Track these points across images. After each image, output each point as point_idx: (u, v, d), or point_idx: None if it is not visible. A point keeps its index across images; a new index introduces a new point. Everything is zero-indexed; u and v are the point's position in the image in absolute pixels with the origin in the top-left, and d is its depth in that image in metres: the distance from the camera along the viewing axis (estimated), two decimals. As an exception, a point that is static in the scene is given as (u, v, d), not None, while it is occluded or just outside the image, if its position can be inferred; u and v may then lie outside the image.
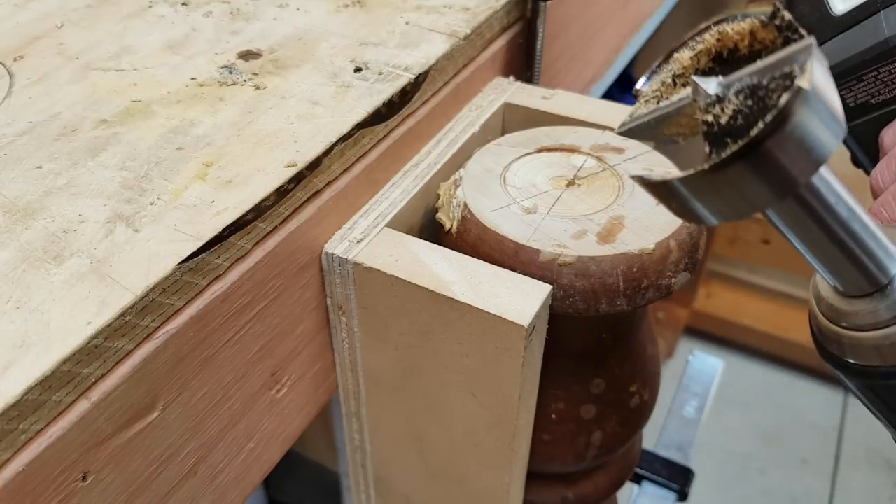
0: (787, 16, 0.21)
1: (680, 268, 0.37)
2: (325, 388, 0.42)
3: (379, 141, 0.39)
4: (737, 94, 0.20)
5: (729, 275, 1.72)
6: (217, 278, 0.31)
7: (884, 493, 1.50)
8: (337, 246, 0.36)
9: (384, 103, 0.38)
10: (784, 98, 0.18)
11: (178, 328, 0.29)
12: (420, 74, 0.40)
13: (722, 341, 1.74)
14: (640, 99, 0.25)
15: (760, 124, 0.18)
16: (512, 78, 0.49)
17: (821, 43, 0.34)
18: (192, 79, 0.40)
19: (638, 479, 0.74)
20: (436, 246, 0.37)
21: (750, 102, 0.20)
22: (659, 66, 0.24)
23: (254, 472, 0.37)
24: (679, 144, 0.25)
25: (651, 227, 0.37)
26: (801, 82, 0.18)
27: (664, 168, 0.22)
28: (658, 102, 0.24)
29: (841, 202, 0.22)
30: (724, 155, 0.19)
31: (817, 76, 0.18)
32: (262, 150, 0.35)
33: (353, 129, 0.36)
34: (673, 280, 0.37)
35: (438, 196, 0.41)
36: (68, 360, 0.25)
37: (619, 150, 0.42)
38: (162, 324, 0.28)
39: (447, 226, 0.39)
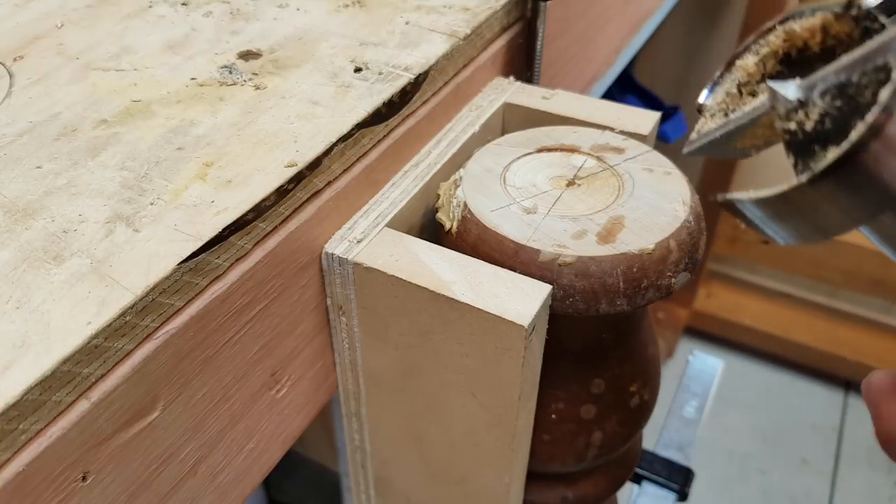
0: (864, 4, 0.19)
1: (680, 268, 0.37)
2: (325, 388, 0.42)
3: (379, 141, 0.39)
4: (822, 95, 0.18)
5: (729, 275, 1.72)
6: (217, 278, 0.31)
7: (884, 493, 1.50)
8: (337, 246, 0.36)
9: (384, 103, 0.38)
10: (885, 93, 0.16)
11: (178, 328, 0.29)
12: (420, 74, 0.40)
13: (722, 341, 1.74)
14: (706, 113, 0.23)
15: (861, 126, 0.16)
16: (512, 78, 0.49)
17: None
18: (192, 79, 0.40)
19: (638, 479, 0.74)
20: (436, 246, 0.37)
21: (839, 103, 0.18)
22: (721, 76, 0.23)
23: (254, 472, 0.37)
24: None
25: (651, 227, 0.37)
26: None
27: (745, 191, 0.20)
28: (725, 115, 0.22)
29: None
30: (822, 165, 0.17)
31: None
32: (262, 150, 0.35)
33: (353, 129, 0.36)
34: (673, 280, 0.37)
35: (438, 196, 0.41)
36: (68, 360, 0.25)
37: (619, 150, 0.42)
38: (162, 324, 0.28)
39: (447, 226, 0.39)
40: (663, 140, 1.23)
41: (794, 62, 0.21)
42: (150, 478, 0.30)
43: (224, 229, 0.30)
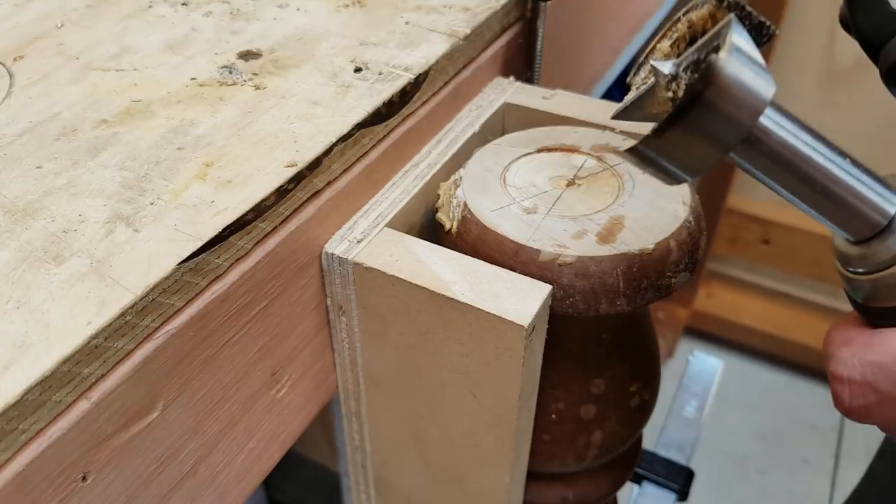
0: None
1: (680, 268, 0.37)
2: (325, 388, 0.42)
3: (379, 141, 0.39)
4: (685, 69, 0.24)
5: (729, 275, 1.72)
6: (217, 278, 0.31)
7: (884, 493, 1.49)
8: (337, 246, 0.36)
9: (384, 103, 0.38)
10: (711, 58, 0.21)
11: (178, 328, 0.29)
12: (420, 74, 0.40)
13: (722, 341, 1.73)
14: (633, 88, 0.27)
15: (696, 85, 0.22)
16: (512, 78, 0.49)
17: (887, 39, 0.36)
18: (192, 79, 0.40)
19: (638, 479, 0.74)
20: (436, 246, 0.37)
21: (695, 74, 0.23)
22: (645, 58, 0.27)
23: (254, 472, 0.37)
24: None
25: (651, 227, 0.37)
26: (721, 52, 0.21)
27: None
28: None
29: (806, 144, 0.24)
30: (666, 121, 0.22)
31: (736, 43, 0.21)
32: (262, 150, 0.35)
33: (353, 129, 0.36)
34: (673, 280, 0.37)
35: (438, 196, 0.41)
36: (68, 360, 0.25)
37: (619, 151, 0.42)
38: (162, 324, 0.28)
39: (447, 226, 0.39)
40: (663, 140, 1.23)
41: (699, 39, 0.26)
42: (149, 478, 0.30)
43: (224, 229, 0.30)
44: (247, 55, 0.42)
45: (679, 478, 0.73)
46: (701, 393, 0.83)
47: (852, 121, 1.36)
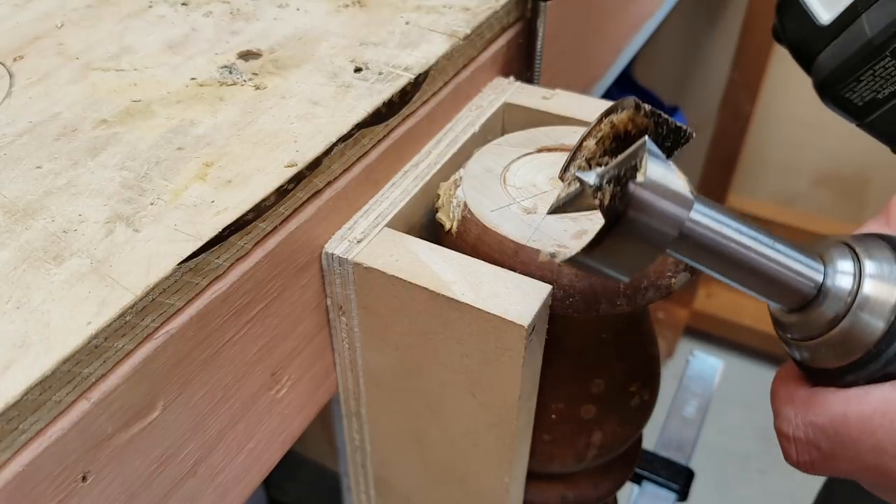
0: (648, 107, 0.27)
1: (680, 268, 0.37)
2: (325, 388, 0.42)
3: (379, 141, 0.39)
4: (608, 182, 0.26)
5: (729, 275, 1.72)
6: (217, 278, 0.31)
7: (884, 493, 1.49)
8: (337, 246, 0.36)
9: (384, 103, 0.38)
10: (629, 187, 0.23)
11: (178, 328, 0.29)
12: (420, 74, 0.40)
13: (722, 341, 1.74)
14: (565, 182, 0.29)
15: (617, 206, 0.24)
16: (512, 78, 0.49)
17: (816, 53, 0.37)
18: (192, 79, 0.40)
19: (638, 479, 0.74)
20: (436, 246, 0.37)
21: (618, 188, 0.25)
22: (574, 154, 0.29)
23: (254, 472, 0.37)
24: None
25: None
26: (638, 176, 0.23)
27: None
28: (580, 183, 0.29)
29: (733, 229, 0.27)
30: (596, 235, 0.24)
31: (650, 167, 0.23)
32: (262, 150, 0.35)
33: (353, 129, 0.36)
34: (673, 280, 0.37)
35: (438, 196, 0.41)
36: (68, 360, 0.25)
37: (619, 150, 0.42)
38: (162, 324, 0.28)
39: (447, 226, 0.39)
40: (663, 140, 1.23)
41: (625, 140, 0.28)
42: (149, 478, 0.30)
43: (224, 229, 0.30)
44: (247, 55, 0.42)
45: (679, 478, 0.73)
46: (701, 393, 0.83)
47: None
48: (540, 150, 0.43)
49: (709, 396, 0.82)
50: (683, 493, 0.73)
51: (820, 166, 1.59)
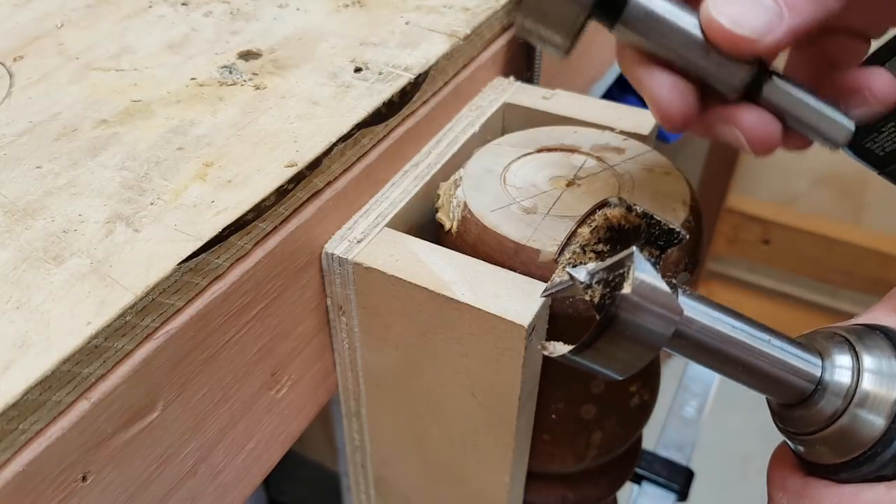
0: (640, 208, 0.27)
1: (680, 268, 0.37)
2: (325, 388, 0.42)
3: (379, 141, 0.39)
4: (598, 283, 0.27)
5: (729, 275, 1.72)
6: (217, 278, 0.31)
7: (884, 493, 1.49)
8: (337, 246, 0.36)
9: (384, 103, 0.38)
10: (616, 295, 0.24)
11: (178, 328, 0.29)
12: (420, 74, 0.40)
13: (722, 341, 1.73)
14: (559, 266, 0.29)
15: (603, 315, 0.24)
16: (512, 78, 0.49)
17: None
18: (192, 79, 0.40)
19: (638, 479, 0.74)
20: (436, 246, 0.37)
21: (607, 290, 0.26)
22: (568, 240, 0.29)
23: (254, 472, 0.37)
24: None
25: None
26: (626, 286, 0.24)
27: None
28: (573, 268, 0.29)
29: (728, 326, 0.27)
30: (584, 339, 0.25)
31: (639, 277, 0.24)
32: (262, 150, 0.35)
33: (353, 129, 0.36)
34: (673, 280, 0.37)
35: (438, 196, 0.41)
36: (68, 360, 0.25)
37: (619, 151, 0.42)
38: (162, 324, 0.28)
39: (447, 226, 0.39)
40: (663, 140, 1.23)
41: (619, 231, 0.28)
42: (149, 478, 0.30)
43: (224, 229, 0.30)
44: (247, 55, 0.42)
45: (679, 478, 0.73)
46: (701, 393, 0.83)
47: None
48: (540, 150, 0.43)
49: (709, 396, 0.82)
50: (683, 494, 0.73)
51: (820, 166, 1.59)
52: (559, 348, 0.27)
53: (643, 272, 0.25)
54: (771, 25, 0.27)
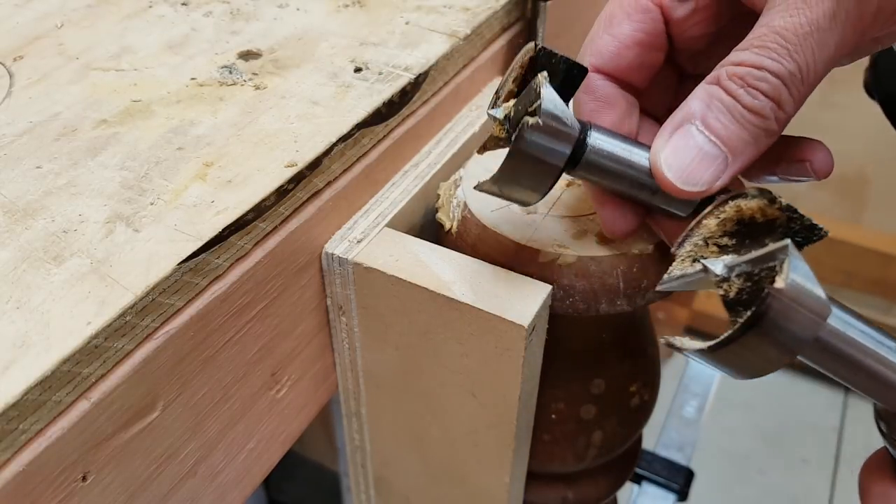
0: (784, 201, 0.26)
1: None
2: (325, 388, 0.42)
3: (379, 141, 0.39)
4: (738, 276, 0.26)
5: (729, 275, 1.72)
6: (217, 278, 0.31)
7: (884, 493, 1.49)
8: (337, 246, 0.36)
9: (384, 103, 0.38)
10: (767, 293, 0.23)
11: (178, 328, 0.29)
12: (420, 74, 0.40)
13: (722, 341, 1.73)
14: (677, 259, 0.28)
15: (748, 314, 0.23)
16: (512, 78, 0.49)
17: None
18: (192, 79, 0.40)
19: (638, 479, 0.74)
20: (436, 246, 0.37)
21: (749, 284, 0.25)
22: (691, 230, 0.28)
23: (254, 472, 0.37)
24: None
25: (651, 227, 0.37)
26: (778, 282, 0.23)
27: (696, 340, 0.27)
28: (693, 261, 0.28)
29: (862, 349, 0.26)
30: (726, 335, 0.24)
31: (793, 274, 0.23)
32: (262, 150, 0.35)
33: (353, 129, 0.36)
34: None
35: (438, 196, 0.41)
36: (68, 360, 0.25)
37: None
38: (162, 324, 0.28)
39: (447, 226, 0.39)
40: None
41: (748, 224, 0.28)
42: (149, 478, 0.30)
43: (224, 229, 0.30)
44: (247, 55, 0.42)
45: (679, 478, 0.73)
46: (701, 393, 0.83)
47: (851, 120, 1.36)
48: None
49: (709, 396, 0.82)
50: (683, 494, 0.73)
51: (820, 166, 1.58)
52: (688, 344, 0.26)
53: (798, 270, 0.23)
54: (717, 175, 0.28)
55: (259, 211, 0.32)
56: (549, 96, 0.27)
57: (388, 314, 0.37)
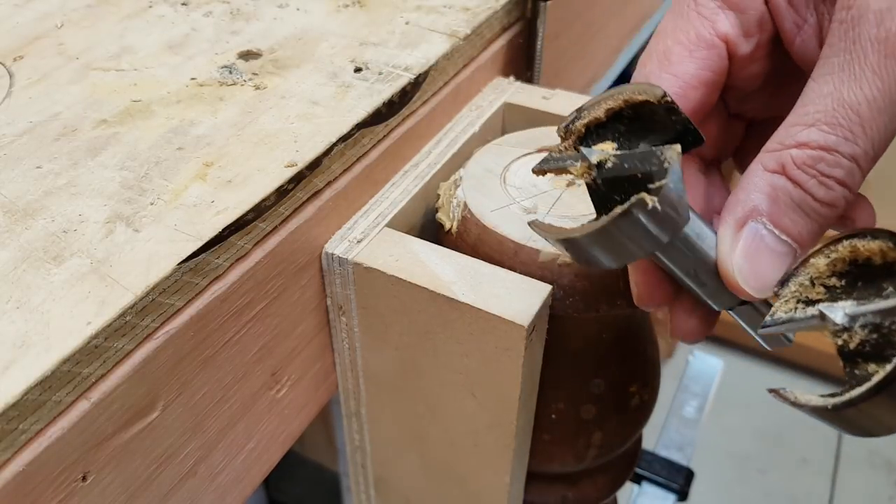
0: None
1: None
2: (325, 388, 0.42)
3: (379, 141, 0.39)
4: (862, 327, 0.24)
5: (729, 275, 1.72)
6: (217, 278, 0.31)
7: (884, 493, 1.50)
8: (337, 246, 0.36)
9: (384, 103, 0.38)
10: None
11: (178, 328, 0.29)
12: (420, 74, 0.40)
13: (722, 341, 1.74)
14: (780, 300, 0.26)
15: (882, 374, 0.22)
16: (512, 78, 0.49)
17: None
18: (192, 79, 0.40)
19: (638, 479, 0.74)
20: (436, 246, 0.37)
21: (875, 336, 0.23)
22: (796, 270, 0.26)
23: (254, 472, 0.37)
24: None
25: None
26: None
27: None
28: (797, 301, 0.26)
29: None
30: (852, 396, 0.22)
31: None
32: (262, 150, 0.35)
33: (353, 129, 0.36)
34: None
35: (438, 196, 0.41)
36: (68, 360, 0.25)
37: (619, 150, 0.42)
38: (162, 324, 0.28)
39: (447, 226, 0.39)
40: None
41: (861, 266, 0.25)
42: (149, 478, 0.30)
43: (224, 229, 0.30)
44: (247, 55, 0.42)
45: (679, 478, 0.73)
46: (701, 393, 0.83)
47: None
48: (540, 150, 0.43)
49: (709, 396, 0.82)
50: (683, 494, 0.73)
51: (820, 166, 1.58)
52: (803, 399, 0.24)
53: None
54: (786, 269, 0.26)
55: (259, 211, 0.32)
56: (676, 178, 0.23)
57: (388, 314, 0.37)
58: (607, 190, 0.25)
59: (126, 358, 0.27)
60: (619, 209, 0.23)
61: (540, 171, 0.28)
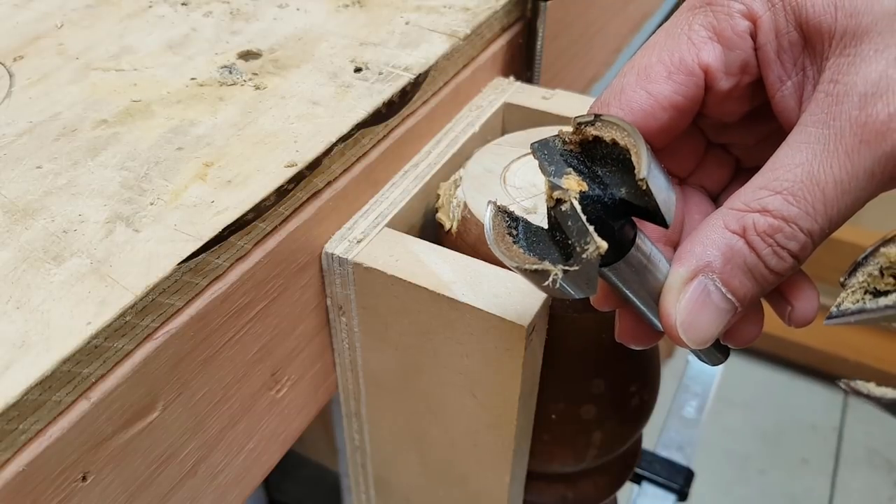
0: None
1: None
2: (325, 388, 0.42)
3: (379, 141, 0.39)
4: None
5: (729, 275, 1.72)
6: (217, 278, 0.31)
7: (884, 493, 1.50)
8: (337, 246, 0.36)
9: (384, 103, 0.38)
10: None
11: (178, 328, 0.29)
12: (420, 74, 0.40)
13: (722, 341, 1.73)
14: (847, 290, 0.26)
15: None
16: (512, 78, 0.49)
17: None
18: (192, 79, 0.40)
19: (638, 479, 0.74)
20: (436, 246, 0.37)
21: None
22: (865, 259, 0.26)
23: (254, 472, 0.37)
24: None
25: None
26: None
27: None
28: (865, 292, 0.26)
29: None
30: None
31: None
32: (262, 150, 0.35)
33: (353, 129, 0.36)
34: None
35: (438, 196, 0.41)
36: (68, 360, 0.25)
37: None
38: (162, 324, 0.28)
39: (447, 226, 0.39)
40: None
41: None
42: (149, 478, 0.30)
43: (224, 229, 0.30)
44: (247, 55, 0.42)
45: (679, 478, 0.73)
46: (701, 393, 0.82)
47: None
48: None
49: (709, 396, 0.82)
50: (683, 494, 0.73)
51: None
52: (877, 391, 0.24)
53: None
54: (725, 325, 0.26)
55: (259, 211, 0.32)
56: (586, 271, 0.23)
57: (388, 314, 0.37)
58: (557, 221, 0.26)
59: (126, 358, 0.27)
60: (531, 266, 0.24)
61: (533, 151, 0.28)
